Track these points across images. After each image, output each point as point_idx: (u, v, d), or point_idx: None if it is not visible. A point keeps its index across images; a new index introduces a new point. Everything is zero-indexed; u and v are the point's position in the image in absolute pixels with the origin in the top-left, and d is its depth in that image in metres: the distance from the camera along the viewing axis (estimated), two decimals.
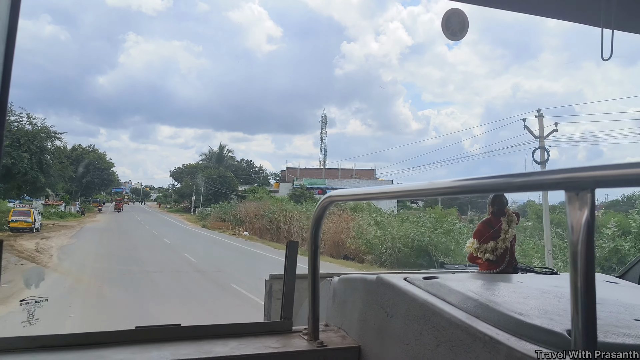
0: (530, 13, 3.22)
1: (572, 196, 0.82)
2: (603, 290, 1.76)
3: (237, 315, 11.37)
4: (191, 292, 15.25)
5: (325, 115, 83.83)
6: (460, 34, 3.27)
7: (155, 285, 15.97)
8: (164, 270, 19.08)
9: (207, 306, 13.02)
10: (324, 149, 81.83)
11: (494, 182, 1.03)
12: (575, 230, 0.81)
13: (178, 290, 15.27)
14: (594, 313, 0.81)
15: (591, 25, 3.00)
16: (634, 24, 3.06)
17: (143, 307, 12.58)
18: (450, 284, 1.60)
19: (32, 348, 1.58)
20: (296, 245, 1.95)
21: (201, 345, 1.69)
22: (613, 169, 0.76)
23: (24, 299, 1.90)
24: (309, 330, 1.80)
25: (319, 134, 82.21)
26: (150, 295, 14.21)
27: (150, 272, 18.41)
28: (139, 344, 1.67)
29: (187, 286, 16.14)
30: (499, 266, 4.37)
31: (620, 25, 2.89)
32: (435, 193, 1.27)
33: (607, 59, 2.89)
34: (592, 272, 0.81)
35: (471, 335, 1.23)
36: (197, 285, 16.44)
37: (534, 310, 1.33)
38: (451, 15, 3.22)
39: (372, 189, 1.64)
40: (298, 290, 1.98)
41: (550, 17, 3.33)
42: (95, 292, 14.88)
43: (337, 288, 2.07)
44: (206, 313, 11.88)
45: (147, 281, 16.54)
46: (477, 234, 4.61)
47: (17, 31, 1.12)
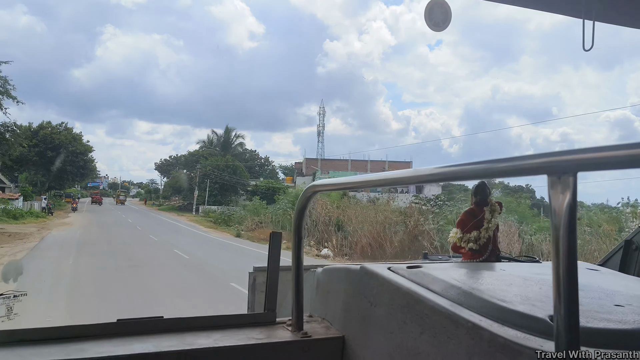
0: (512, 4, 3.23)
1: (554, 180, 0.82)
2: (584, 277, 1.79)
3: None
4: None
5: (323, 106, 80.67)
6: (443, 24, 3.27)
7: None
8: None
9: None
10: (322, 142, 78.07)
11: (476, 168, 1.03)
12: (557, 215, 0.81)
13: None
14: (576, 298, 0.82)
15: (572, 16, 3.02)
16: (614, 15, 3.09)
17: None
18: (434, 273, 1.61)
19: (11, 342, 1.55)
20: (280, 237, 1.94)
21: (184, 337, 1.68)
22: (595, 152, 0.76)
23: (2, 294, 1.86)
24: (293, 321, 1.79)
25: (316, 127, 78.85)
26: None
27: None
28: (120, 337, 1.65)
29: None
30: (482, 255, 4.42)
31: (601, 16, 2.92)
32: (418, 180, 1.27)
33: (589, 49, 2.92)
34: (574, 256, 0.81)
35: (454, 322, 1.24)
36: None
37: (517, 297, 1.34)
38: (434, 6, 3.22)
39: (355, 178, 1.64)
40: (282, 282, 1.97)
41: (531, 8, 3.35)
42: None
43: (321, 279, 2.07)
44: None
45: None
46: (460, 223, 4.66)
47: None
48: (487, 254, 4.41)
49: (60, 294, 11.58)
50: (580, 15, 2.89)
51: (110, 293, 12.10)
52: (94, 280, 13.93)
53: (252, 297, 3.91)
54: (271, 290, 1.91)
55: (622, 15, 3.14)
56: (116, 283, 13.48)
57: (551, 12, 3.30)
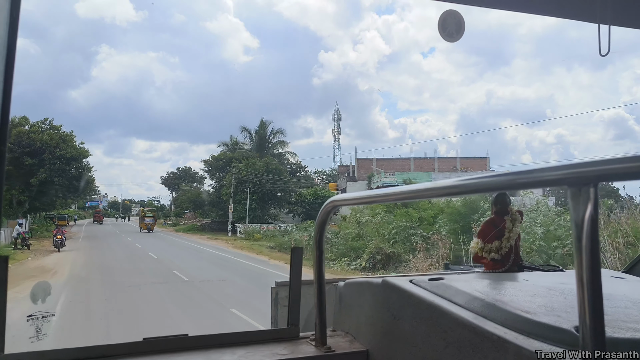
0: (526, 12, 3.23)
1: (575, 192, 0.82)
2: (610, 286, 1.76)
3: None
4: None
5: (338, 109, 77.24)
6: (457, 34, 3.28)
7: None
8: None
9: None
10: (338, 148, 74.02)
11: (497, 180, 1.04)
12: (578, 226, 0.81)
13: None
14: (601, 308, 0.81)
15: (588, 21, 3.00)
16: (630, 18, 3.07)
17: None
18: (457, 285, 1.60)
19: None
20: (301, 252, 1.95)
21: (209, 354, 1.69)
22: (615, 164, 0.76)
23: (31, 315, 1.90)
24: (317, 335, 1.80)
25: (331, 131, 75.04)
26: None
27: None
28: (146, 356, 1.67)
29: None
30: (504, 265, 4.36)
31: (617, 20, 2.90)
32: (438, 194, 1.27)
33: (605, 54, 2.90)
34: (597, 266, 0.81)
35: (479, 335, 1.23)
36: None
37: (541, 308, 1.33)
38: (447, 17, 3.23)
39: (375, 192, 1.65)
40: (304, 296, 1.98)
41: (546, 15, 3.34)
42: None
43: (343, 293, 2.07)
44: None
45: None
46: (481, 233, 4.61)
47: (16, 46, 1.13)
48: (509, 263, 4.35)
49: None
50: (595, 20, 2.87)
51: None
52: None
53: (275, 312, 3.91)
54: (294, 305, 1.92)
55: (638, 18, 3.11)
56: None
57: (567, 19, 3.29)
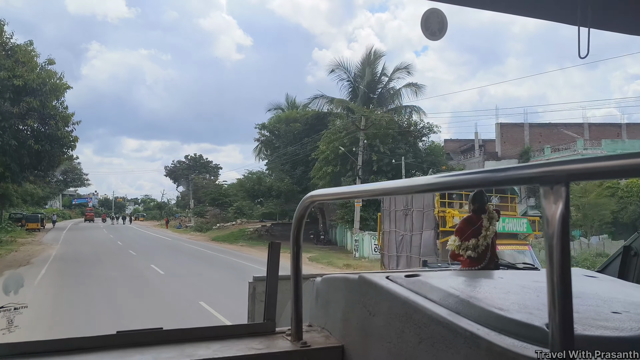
0: (506, 12, 3.25)
1: (547, 190, 0.83)
2: (582, 284, 1.79)
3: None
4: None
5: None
6: (440, 33, 3.30)
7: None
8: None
9: None
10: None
11: (473, 177, 1.05)
12: (550, 224, 0.83)
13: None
14: (570, 306, 0.83)
15: (568, 23, 3.04)
16: (609, 21, 3.12)
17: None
18: (432, 281, 1.61)
19: (12, 355, 1.55)
20: (278, 246, 1.95)
21: (184, 348, 1.68)
22: (586, 163, 0.78)
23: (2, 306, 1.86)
24: (292, 330, 1.79)
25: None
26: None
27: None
28: (120, 349, 1.65)
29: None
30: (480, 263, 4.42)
31: (597, 23, 2.94)
32: (414, 190, 1.28)
33: (584, 56, 2.94)
34: (567, 264, 0.82)
35: (452, 332, 1.24)
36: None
37: (514, 305, 1.35)
38: (430, 15, 3.24)
39: (351, 188, 1.66)
40: (281, 291, 1.97)
41: (526, 16, 3.37)
42: None
43: (320, 288, 2.07)
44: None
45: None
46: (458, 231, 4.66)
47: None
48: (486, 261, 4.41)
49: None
50: (575, 22, 2.90)
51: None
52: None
53: (252, 306, 3.90)
54: (270, 300, 1.91)
55: (618, 21, 3.16)
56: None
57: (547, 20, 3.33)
